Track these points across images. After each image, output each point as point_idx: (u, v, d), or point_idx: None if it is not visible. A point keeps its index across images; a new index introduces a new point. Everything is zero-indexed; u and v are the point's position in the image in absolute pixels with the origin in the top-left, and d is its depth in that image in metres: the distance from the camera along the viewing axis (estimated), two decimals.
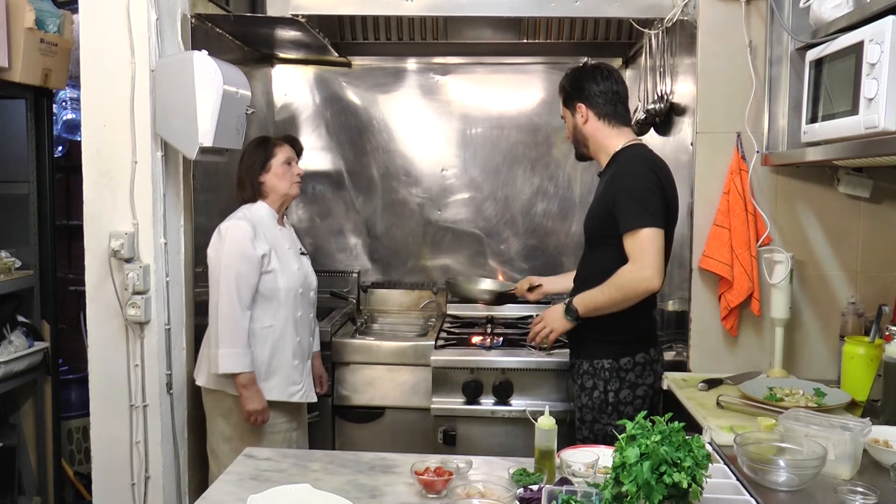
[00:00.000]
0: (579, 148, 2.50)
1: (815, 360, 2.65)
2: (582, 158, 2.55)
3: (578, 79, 2.44)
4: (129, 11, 2.50)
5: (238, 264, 2.47)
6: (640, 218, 2.24)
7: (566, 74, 2.49)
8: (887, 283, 2.61)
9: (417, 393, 3.01)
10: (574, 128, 2.47)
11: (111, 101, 2.54)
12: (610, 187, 2.33)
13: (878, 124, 1.80)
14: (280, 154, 2.63)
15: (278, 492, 1.69)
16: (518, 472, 1.74)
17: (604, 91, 2.40)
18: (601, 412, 2.38)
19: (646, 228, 2.23)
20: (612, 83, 2.41)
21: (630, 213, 2.25)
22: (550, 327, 2.42)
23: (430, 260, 3.80)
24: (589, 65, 2.49)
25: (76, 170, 2.75)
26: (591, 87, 2.41)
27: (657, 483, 1.36)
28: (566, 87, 2.47)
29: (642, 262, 2.23)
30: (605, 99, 2.40)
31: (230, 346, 2.44)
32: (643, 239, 2.23)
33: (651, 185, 2.28)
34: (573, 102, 2.44)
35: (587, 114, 2.42)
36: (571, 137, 2.51)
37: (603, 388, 2.37)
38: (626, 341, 2.37)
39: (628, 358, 2.36)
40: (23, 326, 3.05)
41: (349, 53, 3.67)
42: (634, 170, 2.32)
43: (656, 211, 2.26)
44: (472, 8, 2.95)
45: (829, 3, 2.16)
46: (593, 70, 2.44)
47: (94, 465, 2.66)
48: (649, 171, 2.31)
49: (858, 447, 1.75)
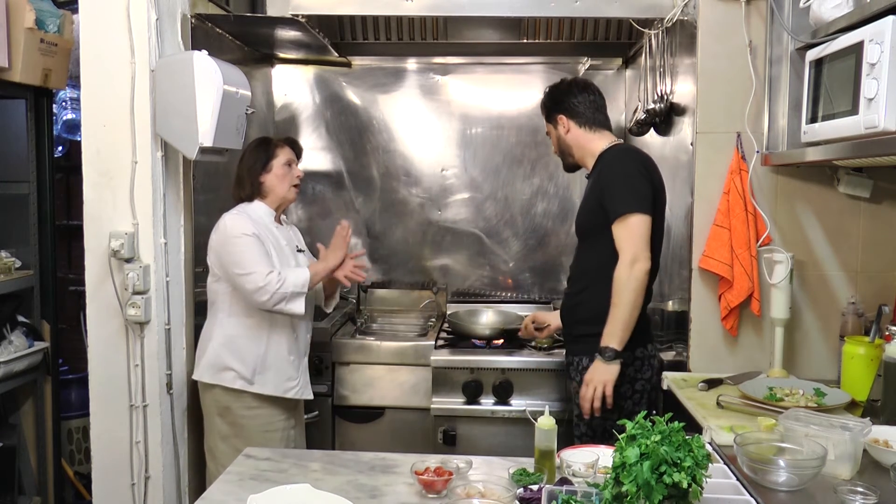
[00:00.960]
0: (566, 158, 2.60)
1: (815, 360, 2.65)
2: (570, 169, 2.65)
3: (556, 94, 2.57)
4: (129, 11, 2.50)
5: (247, 242, 2.48)
6: (628, 204, 2.32)
7: (545, 93, 2.61)
8: (887, 283, 2.61)
9: (417, 393, 3.01)
10: (558, 140, 2.58)
11: (111, 101, 2.54)
12: (598, 180, 2.42)
13: (878, 124, 1.80)
14: (282, 155, 2.63)
15: (278, 492, 1.69)
16: (518, 472, 1.75)
17: (582, 101, 2.53)
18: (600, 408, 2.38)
19: (634, 215, 2.32)
20: (588, 94, 2.54)
21: (618, 200, 2.33)
22: (602, 382, 2.31)
23: (430, 260, 3.80)
24: (565, 81, 2.60)
25: (76, 170, 2.75)
26: (569, 99, 2.53)
27: (657, 483, 1.36)
28: (546, 103, 2.60)
29: (629, 251, 2.30)
30: (584, 108, 2.53)
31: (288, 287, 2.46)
32: (631, 226, 2.31)
33: (637, 173, 2.38)
34: (554, 115, 2.56)
35: (568, 123, 2.53)
36: (557, 150, 2.62)
37: None
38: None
39: (627, 353, 2.37)
40: (23, 326, 3.05)
41: (349, 53, 3.67)
42: (621, 160, 2.43)
43: (643, 197, 2.34)
44: (472, 8, 2.96)
45: (829, 3, 2.16)
46: (570, 84, 2.57)
47: (94, 465, 2.67)
48: (635, 160, 2.43)
49: (858, 447, 1.75)
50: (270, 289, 2.43)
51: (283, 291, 2.44)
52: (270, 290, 2.43)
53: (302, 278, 2.49)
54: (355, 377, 3.07)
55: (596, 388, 2.32)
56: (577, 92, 2.53)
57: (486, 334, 3.10)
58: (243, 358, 2.53)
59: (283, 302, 2.46)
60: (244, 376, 2.53)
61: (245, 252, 2.47)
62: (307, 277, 2.50)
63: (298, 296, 2.48)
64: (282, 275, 2.45)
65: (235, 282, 2.48)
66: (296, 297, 2.47)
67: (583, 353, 2.43)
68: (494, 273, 3.76)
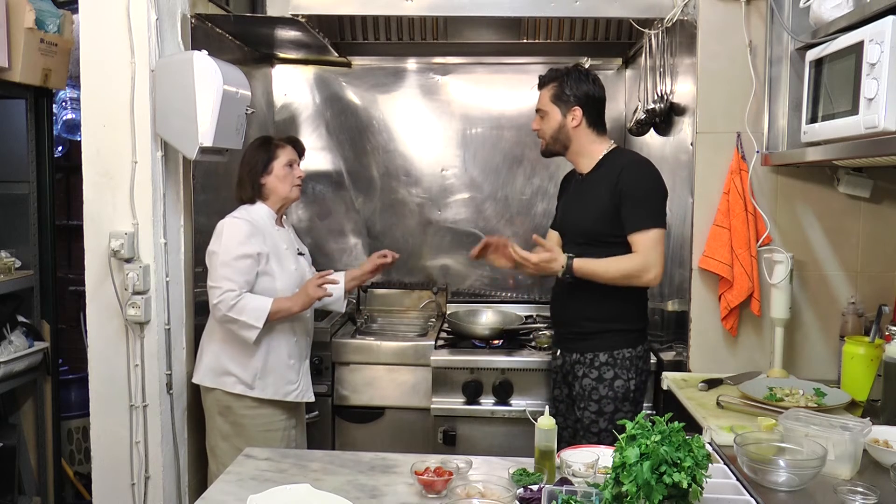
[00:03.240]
0: (556, 146, 2.54)
1: (815, 360, 2.65)
2: (549, 155, 2.61)
3: (580, 84, 2.48)
4: (129, 11, 2.49)
5: (235, 257, 2.48)
6: (652, 218, 2.38)
7: (564, 73, 2.50)
8: (887, 283, 2.61)
9: (417, 393, 3.01)
10: (559, 127, 2.50)
11: (111, 101, 2.54)
12: (617, 190, 2.39)
13: (878, 124, 1.80)
14: (283, 156, 2.62)
15: (278, 492, 1.69)
16: (518, 472, 1.75)
17: (597, 99, 2.50)
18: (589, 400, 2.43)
19: (655, 229, 2.37)
20: (601, 90, 2.52)
21: (642, 213, 2.37)
22: (539, 270, 2.42)
23: (430, 260, 3.80)
24: (583, 69, 2.54)
25: (76, 170, 2.75)
26: (591, 94, 2.48)
27: (657, 483, 1.36)
28: (566, 88, 2.48)
29: (651, 258, 2.36)
30: (597, 108, 2.51)
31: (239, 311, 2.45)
32: (654, 238, 2.37)
33: (659, 186, 2.43)
34: (570, 105, 2.47)
35: (581, 119, 2.48)
36: (548, 133, 2.52)
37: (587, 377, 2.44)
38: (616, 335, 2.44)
39: (620, 350, 2.42)
40: (23, 326, 3.05)
41: (349, 53, 3.67)
42: (642, 174, 2.44)
43: (663, 212, 2.41)
44: (472, 8, 2.96)
45: (829, 3, 2.16)
46: (594, 80, 2.51)
47: (94, 465, 2.66)
48: (655, 173, 2.45)
49: (858, 447, 1.75)
50: (223, 307, 2.44)
51: (234, 316, 2.44)
52: (223, 308, 2.44)
53: (261, 310, 2.46)
54: (355, 377, 3.07)
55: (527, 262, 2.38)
56: (596, 90, 2.50)
57: (486, 334, 3.10)
58: (243, 363, 2.53)
59: (235, 326, 2.47)
60: (244, 381, 2.53)
61: (221, 266, 2.47)
62: (266, 310, 2.47)
63: (250, 328, 2.46)
64: (242, 300, 2.45)
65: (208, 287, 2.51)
66: (248, 328, 2.46)
67: (598, 348, 2.44)
68: (494, 273, 3.76)
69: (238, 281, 2.46)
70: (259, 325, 2.46)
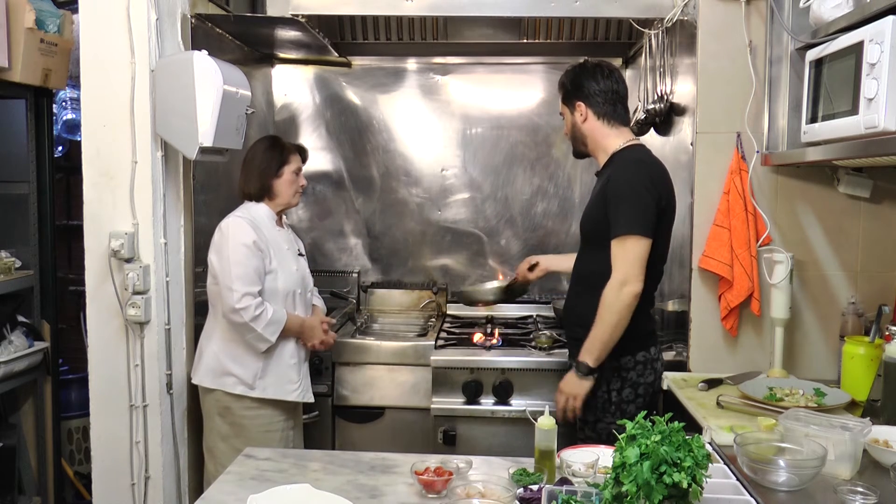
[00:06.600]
0: (577, 145, 2.50)
1: (815, 360, 2.65)
2: (580, 156, 2.56)
3: (579, 77, 2.43)
4: (129, 11, 2.49)
5: (246, 255, 2.48)
6: (628, 226, 2.25)
7: (567, 71, 2.49)
8: (887, 283, 2.61)
9: (417, 393, 3.01)
10: (573, 126, 2.47)
11: (111, 101, 2.54)
12: (605, 189, 2.33)
13: (878, 124, 1.80)
14: (293, 162, 2.66)
15: (278, 492, 1.69)
16: (518, 472, 1.75)
17: (604, 90, 2.40)
18: (604, 412, 2.37)
19: (631, 237, 2.25)
20: (612, 82, 2.40)
21: (620, 219, 2.26)
22: (572, 395, 2.34)
23: (430, 260, 3.80)
24: (590, 63, 2.47)
25: (76, 170, 2.75)
26: (591, 85, 2.40)
27: (657, 483, 1.36)
28: (566, 84, 2.47)
29: (621, 271, 2.25)
30: (605, 98, 2.40)
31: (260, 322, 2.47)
32: (626, 248, 2.25)
33: (644, 191, 2.27)
34: (572, 101, 2.44)
35: (586, 112, 2.42)
36: (569, 134, 2.51)
37: (606, 387, 2.37)
38: (626, 340, 2.36)
39: (629, 357, 2.36)
40: (23, 326, 3.05)
41: (349, 53, 3.67)
42: (628, 175, 2.31)
43: (646, 219, 2.26)
44: (472, 8, 2.96)
45: (829, 3, 2.16)
46: (594, 68, 2.43)
47: (94, 465, 2.66)
48: (644, 175, 2.30)
49: (858, 447, 1.75)
50: (246, 315, 2.44)
51: (253, 326, 2.45)
52: (245, 316, 2.44)
53: (278, 325, 2.51)
54: (355, 377, 3.07)
55: (568, 400, 2.34)
56: (600, 78, 2.39)
57: (496, 297, 3.13)
58: (244, 363, 2.53)
59: (250, 334, 2.48)
60: (245, 381, 2.53)
61: (235, 265, 2.46)
62: (282, 326, 2.51)
63: (265, 341, 2.49)
64: (263, 311, 2.46)
65: (220, 289, 2.49)
66: (262, 340, 2.49)
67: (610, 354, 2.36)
68: (494, 273, 3.76)
69: (253, 279, 2.47)
70: (273, 340, 2.50)
